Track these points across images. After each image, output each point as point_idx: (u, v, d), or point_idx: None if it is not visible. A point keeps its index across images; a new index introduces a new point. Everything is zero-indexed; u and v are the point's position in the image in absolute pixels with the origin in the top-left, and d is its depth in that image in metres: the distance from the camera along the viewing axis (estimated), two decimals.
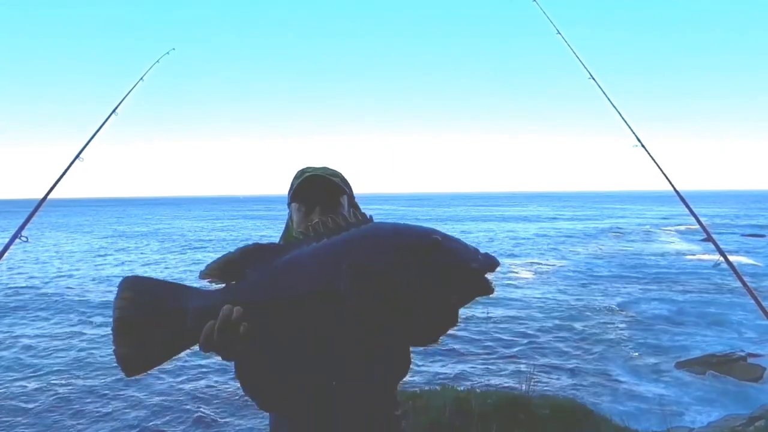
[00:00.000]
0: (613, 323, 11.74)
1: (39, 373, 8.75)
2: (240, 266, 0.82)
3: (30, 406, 7.32)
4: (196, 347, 0.81)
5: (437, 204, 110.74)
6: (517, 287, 15.91)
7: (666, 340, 10.40)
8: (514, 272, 18.79)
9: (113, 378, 8.26)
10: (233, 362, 0.96)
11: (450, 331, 0.85)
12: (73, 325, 12.06)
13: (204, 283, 0.85)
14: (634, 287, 15.97)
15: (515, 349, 9.79)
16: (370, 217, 0.89)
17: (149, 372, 0.81)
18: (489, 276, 0.83)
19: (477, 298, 0.86)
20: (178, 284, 0.83)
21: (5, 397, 7.63)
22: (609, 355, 9.45)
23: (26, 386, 8.08)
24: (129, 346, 0.78)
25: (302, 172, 1.24)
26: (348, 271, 0.76)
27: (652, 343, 10.15)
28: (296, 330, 0.80)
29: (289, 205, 1.24)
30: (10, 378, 8.46)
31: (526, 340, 10.37)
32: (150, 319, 0.78)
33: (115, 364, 0.82)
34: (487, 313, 11.92)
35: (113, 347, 0.81)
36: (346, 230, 0.83)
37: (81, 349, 10.07)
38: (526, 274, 18.46)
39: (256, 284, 0.81)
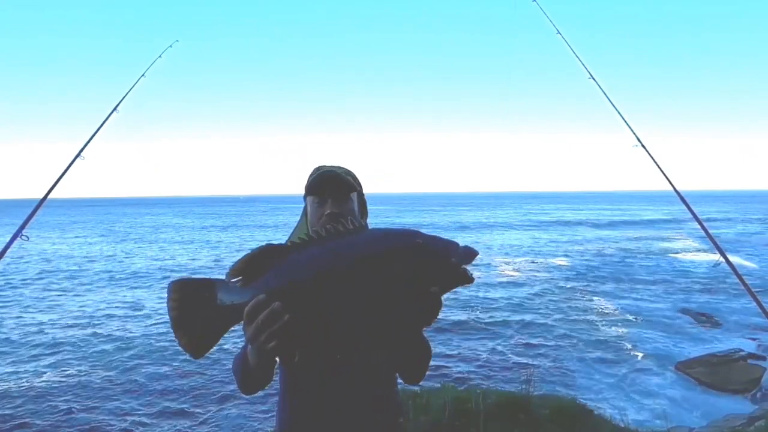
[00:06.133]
0: (614, 323, 11.75)
1: (36, 371, 8.77)
2: (260, 263, 1.00)
3: (24, 401, 7.35)
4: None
5: (435, 204, 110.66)
6: (517, 288, 15.93)
7: (666, 340, 10.41)
8: (514, 273, 18.81)
9: (110, 375, 8.34)
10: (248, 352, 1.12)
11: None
12: (71, 326, 12.07)
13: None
14: (633, 287, 15.98)
15: (515, 349, 9.80)
16: (366, 225, 1.07)
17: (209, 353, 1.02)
18: (468, 267, 0.98)
19: (461, 287, 1.00)
20: (212, 280, 1.01)
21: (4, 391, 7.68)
22: (609, 355, 9.46)
23: (21, 383, 8.11)
24: (187, 337, 0.99)
25: (318, 168, 1.44)
26: (355, 265, 0.97)
27: (653, 343, 10.15)
28: (315, 312, 0.96)
29: (305, 198, 1.44)
30: (8, 375, 8.50)
31: (526, 341, 10.38)
32: (196, 312, 0.99)
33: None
34: (489, 314, 11.91)
35: (177, 340, 1.00)
36: (345, 235, 1.02)
37: (79, 347, 10.08)
38: (526, 275, 18.47)
39: (279, 275, 0.98)
